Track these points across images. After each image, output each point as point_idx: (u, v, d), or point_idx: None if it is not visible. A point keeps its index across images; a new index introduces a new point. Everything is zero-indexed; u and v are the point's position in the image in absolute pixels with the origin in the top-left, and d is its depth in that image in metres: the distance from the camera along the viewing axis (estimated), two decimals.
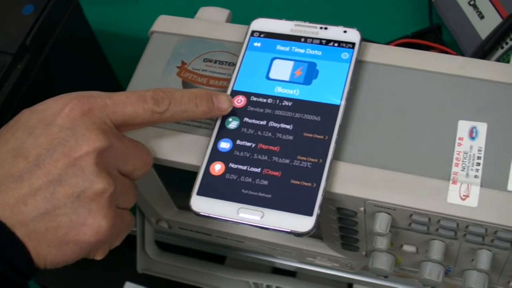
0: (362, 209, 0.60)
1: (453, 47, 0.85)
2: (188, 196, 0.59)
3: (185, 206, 0.75)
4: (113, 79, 0.89)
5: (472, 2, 0.83)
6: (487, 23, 0.81)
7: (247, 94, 0.63)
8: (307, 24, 0.66)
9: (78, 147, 0.52)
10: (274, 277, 0.82)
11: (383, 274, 0.66)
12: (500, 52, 0.79)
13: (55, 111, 0.54)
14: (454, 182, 0.58)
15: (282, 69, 0.64)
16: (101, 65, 0.87)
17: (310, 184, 0.57)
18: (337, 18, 0.93)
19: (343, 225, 0.64)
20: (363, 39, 0.65)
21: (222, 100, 0.60)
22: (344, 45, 0.64)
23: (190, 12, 0.74)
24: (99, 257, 0.57)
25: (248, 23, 0.67)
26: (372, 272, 0.67)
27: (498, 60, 0.79)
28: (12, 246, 0.51)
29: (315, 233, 0.61)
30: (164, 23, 0.71)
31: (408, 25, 0.90)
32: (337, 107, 0.61)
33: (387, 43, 0.85)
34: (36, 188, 0.51)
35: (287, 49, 0.65)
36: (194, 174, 0.60)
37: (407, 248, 0.64)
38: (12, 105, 0.68)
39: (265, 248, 0.76)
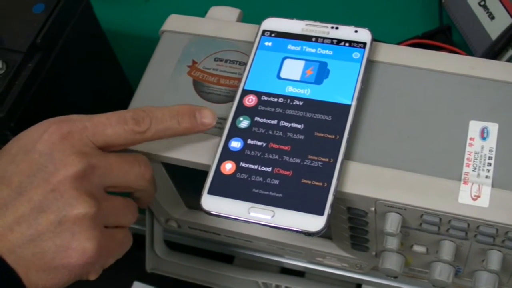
0: (372, 209, 0.60)
1: (463, 48, 0.85)
2: (198, 195, 0.59)
3: (194, 205, 0.75)
4: (123, 79, 0.89)
5: (482, 3, 0.83)
6: (497, 24, 0.81)
7: (258, 94, 0.63)
8: (318, 23, 0.66)
9: (57, 172, 0.53)
10: (283, 277, 0.82)
11: (393, 274, 0.66)
12: (510, 52, 0.79)
13: (35, 137, 0.55)
14: (465, 183, 0.57)
15: (293, 69, 0.64)
16: (111, 64, 0.86)
17: (321, 184, 0.57)
18: (346, 18, 0.93)
19: (354, 225, 0.64)
20: (374, 40, 0.64)
21: (205, 115, 0.60)
22: (355, 44, 0.64)
23: (200, 12, 0.74)
24: (92, 277, 0.58)
25: (259, 22, 0.67)
26: (382, 273, 0.66)
27: (508, 60, 0.79)
28: (4, 273, 0.51)
29: (325, 233, 0.61)
30: (175, 22, 0.71)
31: (418, 26, 0.90)
32: (348, 106, 0.61)
33: (398, 44, 0.84)
34: (20, 216, 0.52)
35: (298, 48, 0.65)
36: (203, 173, 0.60)
37: (418, 248, 0.64)
38: (23, 103, 0.68)
39: (274, 248, 0.76)
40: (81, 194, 0.53)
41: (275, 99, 0.62)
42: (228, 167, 0.60)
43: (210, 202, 0.58)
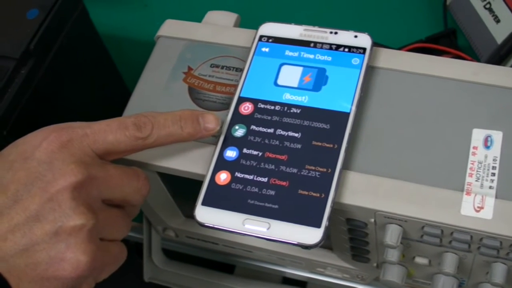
0: (372, 220, 0.58)
1: (468, 52, 0.83)
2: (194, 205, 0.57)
3: (192, 214, 0.73)
4: (121, 85, 0.87)
5: (487, 6, 0.81)
6: (503, 27, 0.79)
7: (254, 101, 0.61)
8: (316, 28, 0.64)
9: (55, 182, 0.51)
10: None
11: (395, 286, 0.64)
12: None
13: (34, 144, 0.53)
14: (468, 193, 0.56)
15: (290, 75, 0.62)
16: (109, 70, 0.85)
17: (318, 195, 0.56)
18: (349, 22, 0.91)
19: (353, 236, 0.62)
20: (375, 44, 0.63)
21: (208, 120, 0.58)
22: (354, 50, 0.62)
23: (200, 17, 0.72)
24: None
25: (257, 27, 0.66)
26: (384, 285, 0.65)
27: None
28: None
29: (325, 244, 0.59)
30: (171, 28, 0.70)
31: (422, 29, 0.88)
32: (347, 114, 0.59)
33: (401, 48, 0.83)
34: (14, 224, 0.51)
35: (296, 54, 0.63)
36: (200, 183, 0.59)
37: (420, 260, 0.62)
38: (15, 111, 0.67)
39: (274, 258, 0.74)
40: (78, 205, 0.52)
41: (272, 107, 0.60)
42: (223, 177, 0.58)
43: (204, 214, 0.57)
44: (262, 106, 0.61)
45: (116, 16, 0.99)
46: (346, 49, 0.62)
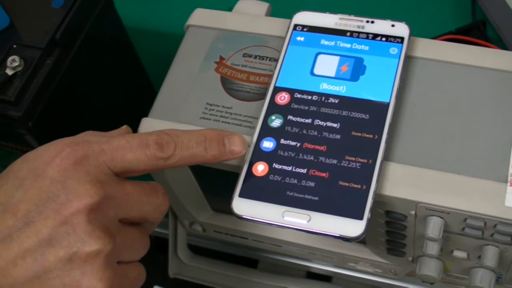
0: (413, 212, 0.56)
1: (498, 44, 0.82)
2: (225, 198, 0.56)
3: (221, 208, 0.72)
4: (144, 77, 0.86)
5: None
6: None
7: (290, 91, 0.60)
8: (352, 17, 0.63)
9: (69, 204, 0.48)
10: (311, 282, 0.79)
11: (431, 281, 0.63)
12: None
13: (47, 160, 0.49)
14: None
15: (327, 65, 0.61)
16: (132, 61, 0.84)
17: (359, 186, 0.54)
18: (376, 12, 0.89)
19: (391, 229, 0.61)
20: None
21: (235, 142, 0.55)
22: (392, 39, 0.61)
23: (223, 8, 0.71)
24: None
25: (287, 17, 0.65)
26: (419, 279, 0.63)
27: None
28: None
29: None
30: (201, 17, 0.68)
31: (449, 21, 0.87)
32: (386, 104, 0.57)
33: None
34: (25, 249, 0.47)
35: (332, 43, 0.62)
36: (232, 175, 0.58)
37: (458, 253, 0.60)
38: (41, 102, 0.66)
39: (304, 252, 0.73)
40: (94, 229, 0.48)
41: (309, 97, 0.59)
42: (260, 168, 0.56)
43: (242, 206, 0.55)
44: (299, 96, 0.59)
45: (137, 7, 0.98)
46: (384, 38, 0.61)
